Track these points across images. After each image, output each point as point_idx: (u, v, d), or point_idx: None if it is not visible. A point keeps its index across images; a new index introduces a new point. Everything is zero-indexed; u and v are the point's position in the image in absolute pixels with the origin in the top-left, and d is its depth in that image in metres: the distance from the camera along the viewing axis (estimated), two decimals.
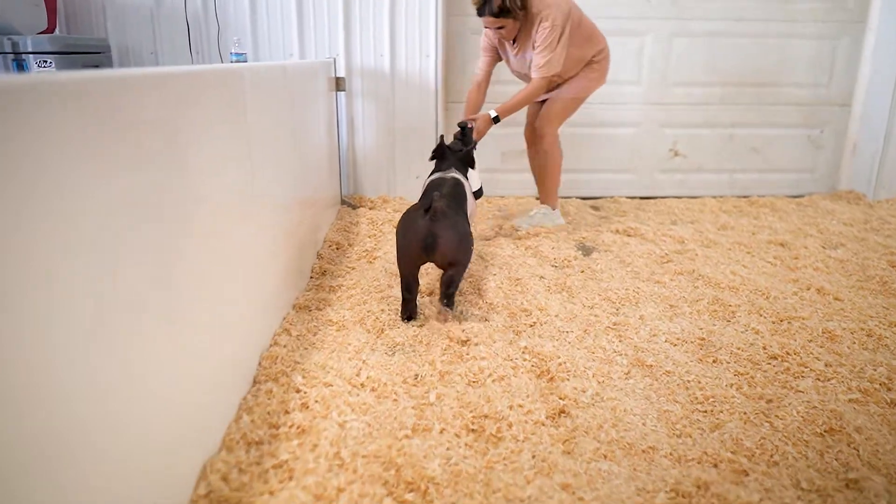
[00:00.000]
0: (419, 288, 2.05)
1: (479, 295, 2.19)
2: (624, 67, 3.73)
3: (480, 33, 3.62)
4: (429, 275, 2.34)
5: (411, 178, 3.53)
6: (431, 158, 2.50)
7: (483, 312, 2.03)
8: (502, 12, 2.68)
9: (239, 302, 1.50)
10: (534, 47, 2.80)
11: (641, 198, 3.88)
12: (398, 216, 3.16)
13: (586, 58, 2.96)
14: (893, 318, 2.04)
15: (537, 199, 3.31)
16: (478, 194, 2.49)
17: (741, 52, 3.76)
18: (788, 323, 2.01)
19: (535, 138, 3.09)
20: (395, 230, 2.41)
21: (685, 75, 3.77)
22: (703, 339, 1.87)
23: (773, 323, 2.01)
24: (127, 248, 0.90)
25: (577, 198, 3.82)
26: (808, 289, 2.31)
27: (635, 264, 2.57)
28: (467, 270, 2.15)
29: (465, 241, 1.94)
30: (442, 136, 2.58)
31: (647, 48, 3.71)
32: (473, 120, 2.79)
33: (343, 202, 3.39)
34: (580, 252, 2.74)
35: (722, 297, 2.20)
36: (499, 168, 3.81)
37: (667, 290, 2.27)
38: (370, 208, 3.40)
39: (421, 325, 1.94)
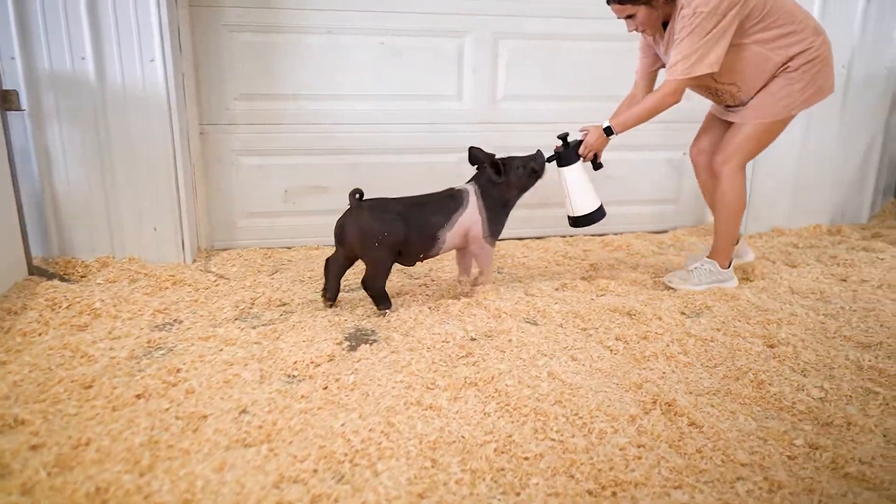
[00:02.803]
0: (340, 277, 2.12)
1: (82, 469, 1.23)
2: (439, 78, 2.92)
3: (240, 31, 2.69)
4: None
5: (147, 231, 2.52)
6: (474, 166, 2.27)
7: None
8: None
9: None
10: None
11: None
12: (108, 289, 2.18)
13: (778, 61, 2.11)
14: (776, 471, 1.27)
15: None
16: (591, 218, 2.30)
17: (585, 59, 3.05)
18: (613, 497, 1.19)
19: (712, 173, 2.39)
20: (77, 319, 1.99)
21: (518, 87, 3.01)
22: None
23: (587, 498, 1.18)
24: None
25: None
26: (654, 404, 1.52)
27: (415, 366, 1.69)
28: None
29: (365, 237, 1.99)
30: (471, 147, 2.24)
31: (467, 53, 2.92)
32: (585, 131, 2.26)
33: (34, 270, 2.33)
34: (346, 345, 1.85)
35: (520, 437, 1.36)
36: (281, 211, 2.88)
37: (438, 424, 1.40)
38: (80, 277, 2.37)
39: None
